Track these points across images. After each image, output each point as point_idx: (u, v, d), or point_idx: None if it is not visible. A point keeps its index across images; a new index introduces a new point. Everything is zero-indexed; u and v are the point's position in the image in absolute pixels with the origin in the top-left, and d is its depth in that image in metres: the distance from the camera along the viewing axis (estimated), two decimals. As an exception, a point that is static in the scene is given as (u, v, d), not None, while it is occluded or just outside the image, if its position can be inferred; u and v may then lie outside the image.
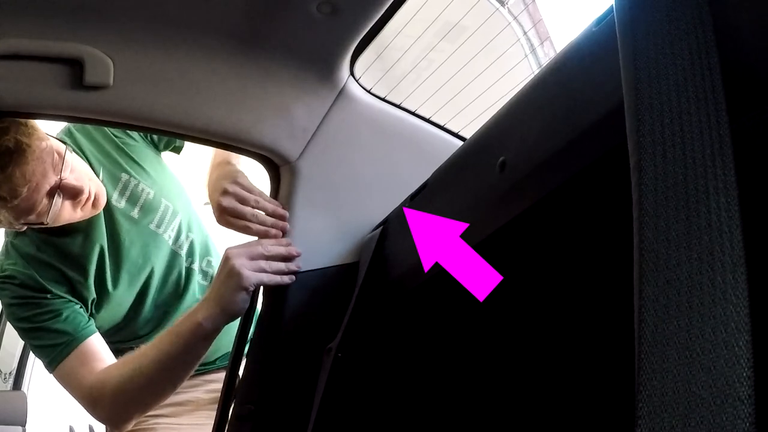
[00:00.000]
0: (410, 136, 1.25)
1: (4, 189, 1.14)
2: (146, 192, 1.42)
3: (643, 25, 0.47)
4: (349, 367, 1.03)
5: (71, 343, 1.27)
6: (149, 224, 1.41)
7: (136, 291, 1.41)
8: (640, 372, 0.38)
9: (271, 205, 1.13)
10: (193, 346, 1.13)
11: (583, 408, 0.88)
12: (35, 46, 0.96)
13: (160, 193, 1.44)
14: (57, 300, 1.30)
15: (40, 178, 1.19)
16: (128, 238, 1.39)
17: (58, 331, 1.28)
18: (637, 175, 0.43)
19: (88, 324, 1.32)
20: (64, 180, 1.22)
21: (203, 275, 1.50)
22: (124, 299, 1.40)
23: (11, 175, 1.14)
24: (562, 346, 0.88)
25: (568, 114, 0.65)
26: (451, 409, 1.03)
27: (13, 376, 3.13)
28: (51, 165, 1.21)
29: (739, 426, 0.35)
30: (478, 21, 1.85)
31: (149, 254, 1.41)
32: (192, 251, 1.49)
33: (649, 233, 0.41)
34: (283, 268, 1.09)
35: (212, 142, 1.14)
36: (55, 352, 1.27)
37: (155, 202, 1.42)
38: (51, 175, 1.21)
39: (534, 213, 0.71)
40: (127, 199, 1.39)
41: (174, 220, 1.45)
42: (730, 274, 0.38)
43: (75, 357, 1.27)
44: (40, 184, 1.19)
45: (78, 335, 1.28)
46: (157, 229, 1.42)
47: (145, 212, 1.41)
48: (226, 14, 1.02)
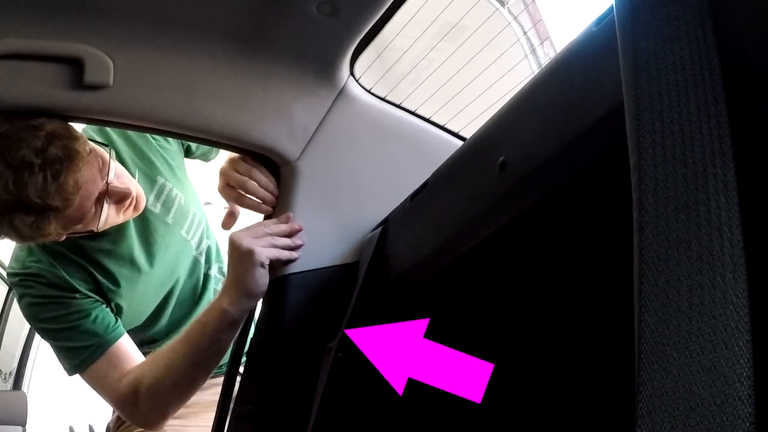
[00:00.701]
0: (410, 136, 1.25)
1: (56, 198, 1.08)
2: (179, 197, 1.41)
3: (643, 25, 0.48)
4: (349, 367, 1.03)
5: (102, 345, 1.25)
6: (180, 230, 1.41)
7: (162, 296, 1.41)
8: (640, 372, 0.38)
9: (264, 178, 1.17)
10: (221, 334, 1.13)
11: (583, 408, 0.88)
12: (35, 46, 0.96)
13: (188, 200, 1.44)
14: (85, 300, 1.28)
15: (90, 185, 1.15)
16: (164, 242, 1.37)
17: (89, 332, 1.25)
18: (637, 175, 0.43)
19: (117, 325, 1.30)
20: (111, 184, 1.19)
21: (218, 281, 1.51)
22: (149, 303, 1.40)
23: (64, 183, 1.08)
24: (563, 345, 0.88)
25: (568, 114, 0.65)
26: (451, 409, 1.03)
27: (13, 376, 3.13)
28: (98, 170, 1.18)
29: (739, 426, 0.35)
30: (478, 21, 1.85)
31: (179, 260, 1.41)
32: (209, 257, 1.49)
33: (649, 233, 0.41)
34: (290, 243, 1.10)
35: (212, 142, 1.14)
36: (86, 353, 1.25)
37: (186, 208, 1.42)
38: (99, 180, 1.18)
39: (534, 213, 0.71)
40: (163, 204, 1.38)
41: (199, 228, 1.46)
42: (730, 274, 0.38)
43: (106, 359, 1.25)
44: (91, 190, 1.16)
45: (109, 336, 1.26)
46: (186, 235, 1.42)
47: (177, 218, 1.40)
48: (226, 14, 1.02)
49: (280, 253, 1.09)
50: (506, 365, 0.96)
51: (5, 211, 1.06)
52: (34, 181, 1.04)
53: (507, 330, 0.93)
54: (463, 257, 0.84)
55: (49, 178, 1.05)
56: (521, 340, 0.93)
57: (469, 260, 0.84)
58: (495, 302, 0.92)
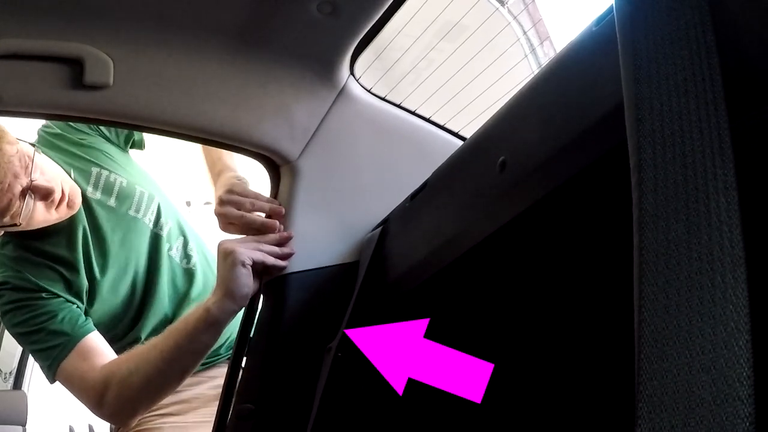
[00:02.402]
0: (410, 136, 1.25)
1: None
2: (119, 181, 1.45)
3: (643, 25, 0.47)
4: (349, 367, 1.03)
5: (69, 342, 1.27)
6: (128, 210, 1.44)
7: (127, 277, 1.43)
8: (640, 372, 0.38)
9: (267, 204, 1.16)
10: (201, 334, 1.13)
11: (583, 408, 0.88)
12: (35, 46, 0.96)
13: (133, 180, 1.47)
14: (53, 300, 1.31)
15: (11, 179, 1.22)
16: (109, 225, 1.41)
17: (56, 332, 1.28)
18: (637, 175, 0.43)
19: (86, 322, 1.32)
20: (35, 181, 1.25)
21: (186, 259, 1.52)
22: (116, 288, 1.41)
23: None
24: (563, 346, 0.88)
25: (568, 114, 0.65)
26: (450, 409, 1.03)
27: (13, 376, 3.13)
28: (22, 167, 1.24)
29: (739, 426, 0.35)
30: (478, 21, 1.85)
31: (131, 239, 1.44)
32: (171, 234, 1.51)
33: (649, 233, 0.41)
34: (277, 250, 1.10)
35: (212, 142, 1.14)
36: (55, 352, 1.27)
37: (129, 189, 1.45)
38: (22, 176, 1.24)
39: (534, 213, 0.71)
40: (102, 190, 1.42)
41: (151, 204, 1.48)
42: (730, 274, 0.38)
43: (75, 355, 1.26)
44: (12, 184, 1.23)
45: (76, 333, 1.28)
46: (137, 213, 1.45)
47: (121, 200, 1.43)
48: (226, 14, 1.02)
49: (264, 256, 1.08)
50: (507, 365, 0.96)
51: None
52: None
53: (508, 330, 0.93)
54: (463, 257, 0.84)
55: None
56: (522, 340, 0.93)
57: (469, 260, 0.84)
58: (495, 302, 0.92)
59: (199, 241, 1.57)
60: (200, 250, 1.56)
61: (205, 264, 1.55)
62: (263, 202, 1.16)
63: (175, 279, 1.48)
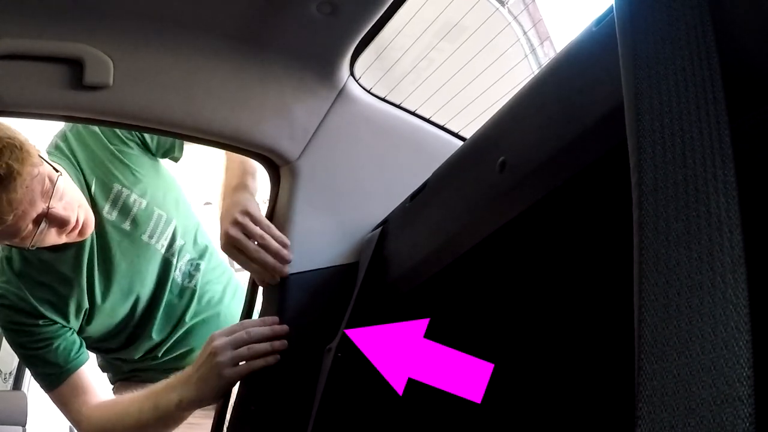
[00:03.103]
0: (410, 136, 1.25)
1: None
2: (138, 203, 1.40)
3: (643, 25, 0.47)
4: (349, 367, 1.03)
5: (62, 375, 1.32)
6: (142, 236, 1.40)
7: (127, 303, 1.41)
8: (640, 372, 0.38)
9: (275, 243, 1.10)
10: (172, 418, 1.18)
11: (583, 408, 0.88)
12: (35, 46, 0.96)
13: (153, 203, 1.42)
14: (49, 327, 1.32)
15: (27, 206, 1.17)
16: (119, 250, 1.38)
17: (50, 363, 1.32)
18: (637, 175, 0.43)
19: (79, 353, 1.35)
20: (52, 209, 1.21)
21: (189, 278, 1.49)
22: (115, 311, 1.40)
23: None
24: (562, 346, 0.88)
25: (568, 114, 0.65)
26: (450, 409, 1.03)
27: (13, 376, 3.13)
28: (40, 193, 1.19)
29: (739, 426, 0.35)
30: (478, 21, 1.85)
31: (140, 265, 1.41)
32: (181, 253, 1.47)
33: (649, 233, 0.41)
34: (268, 348, 1.06)
35: (212, 142, 1.14)
36: (48, 380, 1.33)
37: (147, 213, 1.40)
38: (39, 203, 1.19)
39: (534, 213, 0.71)
40: (119, 211, 1.38)
41: (167, 228, 1.44)
42: (730, 274, 0.38)
43: (66, 387, 1.33)
44: (27, 211, 1.18)
45: (68, 366, 1.32)
46: (150, 240, 1.41)
47: (136, 224, 1.39)
48: (226, 14, 1.02)
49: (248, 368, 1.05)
50: (507, 365, 0.96)
51: None
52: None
53: (507, 330, 0.93)
54: (463, 257, 0.84)
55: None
56: (522, 340, 0.93)
57: (469, 260, 0.84)
58: (495, 302, 0.92)
59: (210, 257, 1.53)
60: (208, 266, 1.52)
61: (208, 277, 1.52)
62: (271, 239, 1.10)
63: (172, 302, 1.46)
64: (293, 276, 1.12)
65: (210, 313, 1.50)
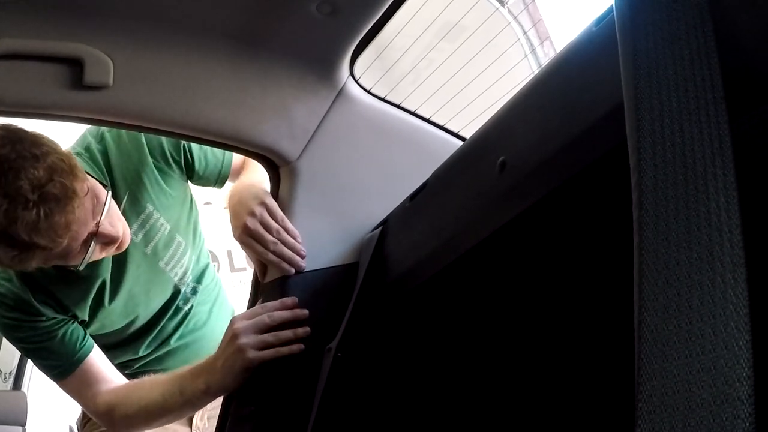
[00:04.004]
0: (410, 136, 1.25)
1: (44, 238, 1.04)
2: (164, 228, 1.35)
3: (643, 25, 0.47)
4: (349, 367, 1.03)
5: (71, 366, 1.27)
6: (159, 262, 1.36)
7: (126, 320, 1.39)
8: (640, 372, 0.38)
9: (291, 239, 1.11)
10: (197, 405, 1.18)
11: (583, 408, 0.88)
12: (35, 46, 0.96)
13: (175, 229, 1.37)
14: (51, 321, 1.27)
15: (81, 227, 1.10)
16: (136, 274, 1.33)
17: (56, 353, 1.26)
18: (637, 175, 0.43)
19: (85, 341, 1.29)
20: (102, 228, 1.14)
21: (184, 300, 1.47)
22: (111, 325, 1.37)
23: (55, 224, 1.04)
24: (563, 346, 0.88)
25: (568, 114, 0.65)
26: (450, 409, 1.03)
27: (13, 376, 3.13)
28: (91, 211, 1.13)
29: (739, 426, 0.35)
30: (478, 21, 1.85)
31: (151, 291, 1.38)
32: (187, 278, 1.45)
33: (649, 233, 0.41)
34: (290, 335, 1.06)
35: (212, 142, 1.14)
36: (57, 371, 1.28)
37: (169, 239, 1.36)
38: (90, 222, 1.13)
39: (534, 213, 0.71)
40: (145, 234, 1.33)
41: (184, 257, 1.41)
42: (730, 274, 0.38)
43: (77, 377, 1.27)
44: (80, 232, 1.11)
45: (76, 357, 1.27)
46: (166, 266, 1.38)
47: (157, 250, 1.35)
48: (226, 14, 1.02)
49: (274, 354, 1.05)
50: (506, 365, 0.96)
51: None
52: (26, 217, 1.01)
53: (507, 330, 0.93)
54: (463, 257, 0.84)
55: (41, 216, 1.02)
56: (521, 340, 0.93)
57: (469, 260, 0.84)
58: (495, 302, 0.92)
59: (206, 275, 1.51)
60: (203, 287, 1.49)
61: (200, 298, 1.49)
62: (287, 234, 1.11)
63: (166, 325, 1.44)
64: (293, 276, 1.12)
65: (193, 337, 1.47)
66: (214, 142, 1.14)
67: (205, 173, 1.37)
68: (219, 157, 1.36)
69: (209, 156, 1.35)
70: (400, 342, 1.07)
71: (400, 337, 1.07)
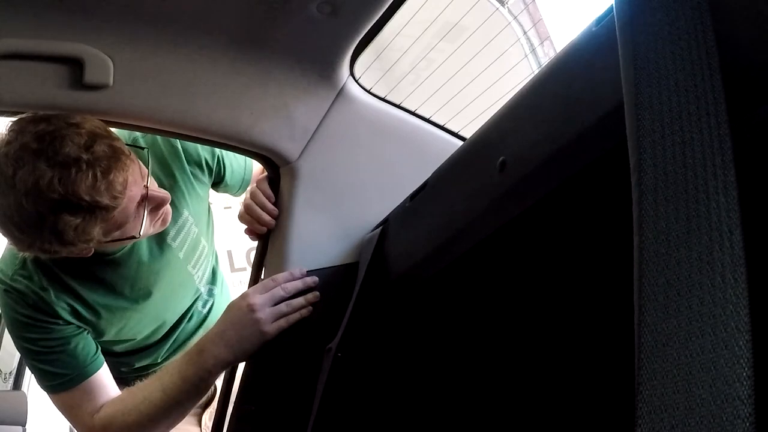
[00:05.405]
0: (410, 136, 1.25)
1: (106, 196, 1.01)
2: (194, 232, 1.35)
3: (643, 25, 0.47)
4: (348, 367, 1.03)
5: (78, 377, 1.21)
6: (188, 265, 1.37)
7: (154, 325, 1.38)
8: (640, 372, 0.38)
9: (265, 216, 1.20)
10: (201, 389, 1.12)
11: (583, 408, 0.88)
12: (35, 46, 0.96)
13: (200, 233, 1.38)
14: (68, 327, 1.22)
15: (134, 187, 1.08)
16: (168, 276, 1.33)
17: (67, 362, 1.21)
18: (637, 175, 0.43)
19: (96, 355, 1.24)
20: (150, 189, 1.12)
21: (204, 305, 1.48)
22: (140, 332, 1.37)
23: (113, 181, 1.02)
24: (563, 346, 0.88)
25: (568, 114, 0.65)
26: (450, 409, 1.03)
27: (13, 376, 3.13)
28: (139, 172, 1.11)
29: (739, 426, 0.35)
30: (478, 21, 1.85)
31: (179, 294, 1.38)
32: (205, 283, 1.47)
33: (649, 233, 0.41)
34: (302, 302, 1.10)
35: (212, 142, 1.14)
36: (60, 380, 1.21)
37: (195, 242, 1.37)
38: (140, 182, 1.10)
39: (534, 213, 0.71)
40: (180, 240, 1.33)
41: (207, 261, 1.42)
42: (730, 274, 0.38)
43: (82, 390, 1.21)
44: (135, 193, 1.08)
45: (86, 369, 1.21)
46: (192, 269, 1.39)
47: (187, 253, 1.35)
48: (226, 14, 1.02)
49: (289, 321, 1.08)
50: (506, 365, 0.96)
51: (49, 212, 0.99)
52: (84, 178, 0.98)
53: (507, 330, 0.93)
54: (463, 257, 0.84)
55: (98, 175, 1.00)
56: (521, 341, 0.93)
57: (469, 260, 0.84)
58: (495, 302, 0.92)
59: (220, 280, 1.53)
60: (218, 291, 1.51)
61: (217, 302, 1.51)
62: (262, 211, 1.20)
63: (186, 329, 1.45)
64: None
65: None
66: (214, 142, 1.14)
67: (232, 180, 1.40)
68: (242, 164, 1.40)
69: (234, 163, 1.38)
70: (400, 342, 1.08)
71: (401, 336, 1.07)
